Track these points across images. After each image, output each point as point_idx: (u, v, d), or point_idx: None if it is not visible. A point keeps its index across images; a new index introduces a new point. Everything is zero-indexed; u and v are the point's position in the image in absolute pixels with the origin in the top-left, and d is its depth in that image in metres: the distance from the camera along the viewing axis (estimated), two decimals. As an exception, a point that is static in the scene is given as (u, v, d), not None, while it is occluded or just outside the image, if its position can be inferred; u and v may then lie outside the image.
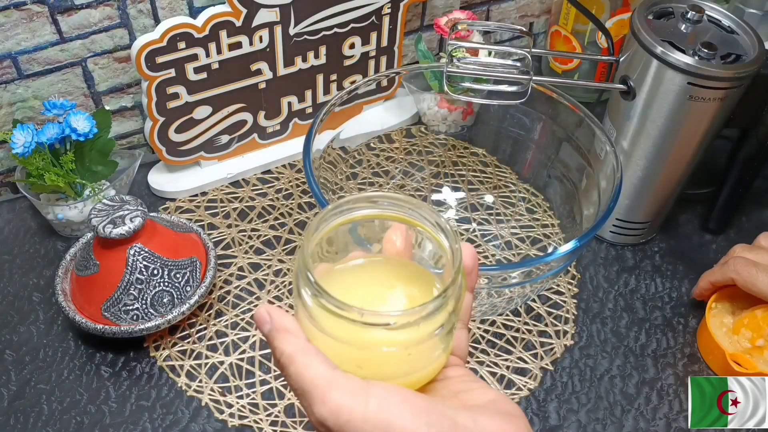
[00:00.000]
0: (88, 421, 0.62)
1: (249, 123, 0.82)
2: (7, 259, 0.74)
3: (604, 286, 0.74)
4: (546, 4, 1.00)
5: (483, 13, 0.97)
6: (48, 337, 0.68)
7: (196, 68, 0.74)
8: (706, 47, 0.62)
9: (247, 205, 0.81)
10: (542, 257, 0.58)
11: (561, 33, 0.93)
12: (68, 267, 0.69)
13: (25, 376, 0.65)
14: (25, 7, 0.69)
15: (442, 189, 0.81)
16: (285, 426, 0.62)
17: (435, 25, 0.86)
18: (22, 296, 0.71)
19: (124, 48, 0.77)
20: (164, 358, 0.66)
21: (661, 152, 0.69)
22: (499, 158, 0.84)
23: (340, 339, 0.34)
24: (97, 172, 0.75)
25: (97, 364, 0.66)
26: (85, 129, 0.71)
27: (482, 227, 0.78)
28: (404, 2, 0.82)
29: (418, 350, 0.34)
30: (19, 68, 0.73)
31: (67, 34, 0.73)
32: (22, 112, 0.76)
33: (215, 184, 0.83)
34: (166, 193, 0.81)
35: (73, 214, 0.74)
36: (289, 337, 0.34)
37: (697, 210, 0.82)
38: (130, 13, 0.74)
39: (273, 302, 0.71)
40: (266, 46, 0.77)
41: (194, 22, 0.71)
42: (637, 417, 0.64)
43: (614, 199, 0.60)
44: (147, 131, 0.77)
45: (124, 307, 0.64)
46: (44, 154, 0.70)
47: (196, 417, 0.63)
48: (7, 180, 0.81)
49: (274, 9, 0.74)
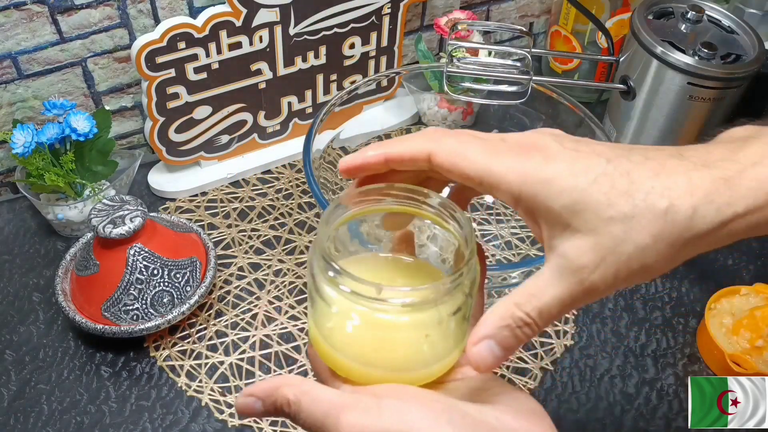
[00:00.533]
0: (88, 421, 0.62)
1: (249, 123, 0.82)
2: (7, 259, 0.74)
3: (604, 286, 0.74)
4: (546, 4, 1.00)
5: (483, 13, 0.97)
6: (48, 337, 0.68)
7: (196, 68, 0.74)
8: (706, 47, 0.62)
9: (247, 205, 0.81)
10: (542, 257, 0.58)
11: (561, 33, 0.93)
12: (68, 267, 0.69)
13: (25, 376, 0.65)
14: (25, 7, 0.69)
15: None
16: (285, 426, 0.62)
17: (435, 25, 0.86)
18: (22, 296, 0.71)
19: (124, 48, 0.77)
20: (164, 358, 0.66)
21: (661, 152, 0.69)
22: (499, 158, 0.84)
23: (356, 321, 0.33)
24: (97, 172, 0.75)
25: (97, 364, 0.66)
26: (85, 129, 0.71)
27: (482, 227, 0.78)
28: (404, 2, 0.82)
29: (436, 333, 0.34)
30: (19, 68, 0.73)
31: (67, 34, 0.73)
32: (22, 112, 0.76)
33: (215, 184, 0.83)
34: (166, 193, 0.81)
35: (73, 214, 0.74)
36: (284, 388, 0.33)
37: (697, 210, 0.82)
38: (130, 13, 0.74)
39: (273, 302, 0.71)
40: (266, 46, 0.77)
41: (194, 22, 0.71)
42: (637, 417, 0.64)
43: (614, 199, 0.60)
44: (147, 131, 0.77)
45: (124, 307, 0.64)
46: (44, 154, 0.70)
47: (196, 417, 0.63)
48: (7, 180, 0.81)
49: (274, 9, 0.74)
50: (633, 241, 0.31)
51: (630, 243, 0.31)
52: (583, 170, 0.32)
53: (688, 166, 0.32)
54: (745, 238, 0.32)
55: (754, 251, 0.78)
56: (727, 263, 0.77)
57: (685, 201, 0.31)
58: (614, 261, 0.31)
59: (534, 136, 0.34)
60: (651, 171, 0.32)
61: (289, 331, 0.69)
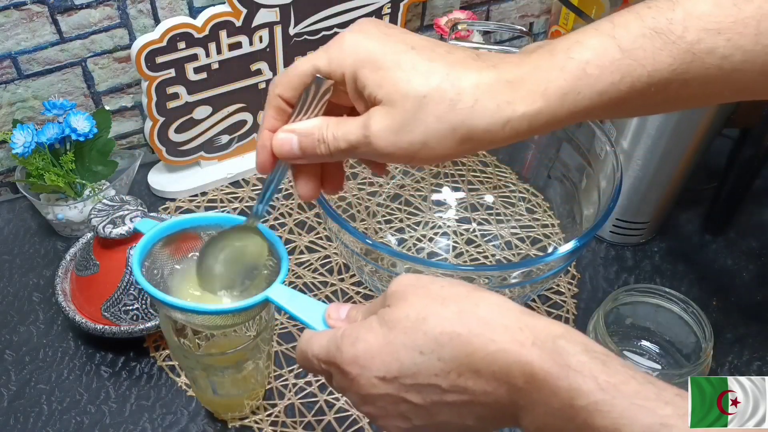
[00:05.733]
0: (88, 421, 0.62)
1: (249, 123, 0.82)
2: (7, 259, 0.74)
3: (604, 286, 0.74)
4: (546, 4, 1.00)
5: (483, 13, 0.97)
6: (48, 337, 0.68)
7: (196, 68, 0.74)
8: (706, 47, 0.62)
9: (247, 205, 0.81)
10: (542, 257, 0.58)
11: (561, 33, 0.93)
12: (68, 267, 0.69)
13: (25, 376, 0.65)
14: (25, 7, 0.69)
15: (442, 189, 0.81)
16: (285, 426, 0.62)
17: (435, 25, 0.86)
18: (22, 296, 0.71)
19: (124, 48, 0.77)
20: (164, 358, 0.66)
21: (661, 152, 0.69)
22: (499, 158, 0.84)
23: None
24: (97, 172, 0.75)
25: (97, 364, 0.66)
26: (85, 129, 0.71)
27: (482, 227, 0.78)
28: (404, 2, 0.82)
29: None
30: (19, 68, 0.73)
31: (67, 34, 0.73)
32: (22, 112, 0.76)
33: (215, 184, 0.83)
34: (166, 193, 0.81)
35: (73, 214, 0.74)
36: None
37: (697, 210, 0.82)
38: (130, 13, 0.74)
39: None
40: (266, 46, 0.77)
41: (194, 22, 0.71)
42: (637, 417, 0.64)
43: (614, 199, 0.60)
44: (147, 131, 0.77)
45: (124, 307, 0.64)
46: (44, 154, 0.70)
47: (196, 417, 0.63)
48: (7, 180, 0.81)
49: (274, 9, 0.74)
50: (420, 117, 0.37)
51: (417, 119, 0.37)
52: (390, 52, 0.38)
53: (480, 65, 0.37)
54: (530, 137, 0.38)
55: (754, 251, 0.78)
56: (727, 263, 0.77)
57: (469, 92, 0.37)
58: (398, 129, 0.37)
59: (359, 25, 0.40)
60: (449, 63, 0.37)
61: (289, 331, 0.69)
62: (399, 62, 0.37)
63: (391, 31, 0.39)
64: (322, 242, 0.77)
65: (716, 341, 0.61)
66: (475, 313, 0.35)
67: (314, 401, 0.64)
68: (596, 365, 0.33)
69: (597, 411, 0.32)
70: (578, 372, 0.32)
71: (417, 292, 0.37)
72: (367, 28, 0.39)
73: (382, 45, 0.38)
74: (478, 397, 0.35)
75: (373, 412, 0.38)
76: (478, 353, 0.34)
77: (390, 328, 0.36)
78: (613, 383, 0.32)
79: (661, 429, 0.31)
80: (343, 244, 0.62)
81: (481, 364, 0.34)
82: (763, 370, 0.67)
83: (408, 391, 0.36)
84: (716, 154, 0.75)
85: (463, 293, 0.37)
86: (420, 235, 0.77)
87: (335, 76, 0.39)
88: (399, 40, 0.38)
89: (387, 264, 0.60)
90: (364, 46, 0.38)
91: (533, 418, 0.34)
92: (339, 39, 0.39)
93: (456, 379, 0.35)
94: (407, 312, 0.36)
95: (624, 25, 0.37)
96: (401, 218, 0.79)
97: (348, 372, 0.37)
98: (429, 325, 0.35)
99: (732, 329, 0.71)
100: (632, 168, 0.71)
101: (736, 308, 0.73)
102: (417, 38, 0.39)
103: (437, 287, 0.37)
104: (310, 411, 0.63)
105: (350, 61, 0.38)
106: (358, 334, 0.37)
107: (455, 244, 0.77)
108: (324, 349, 0.39)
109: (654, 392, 0.32)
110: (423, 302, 0.36)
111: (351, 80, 0.39)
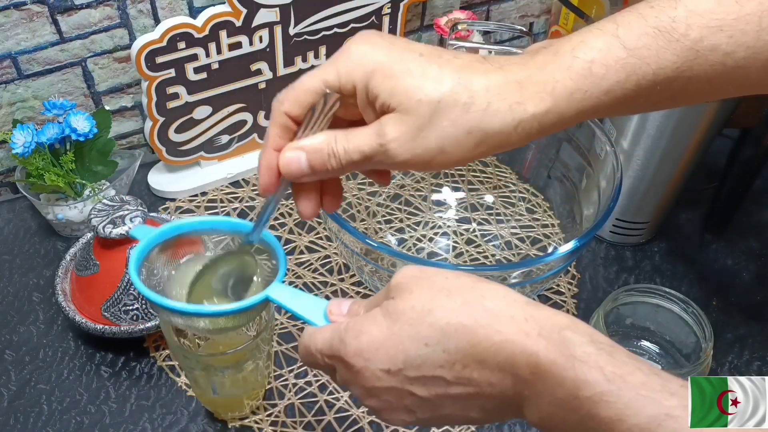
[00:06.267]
0: (88, 421, 0.62)
1: (249, 123, 0.82)
2: (7, 259, 0.74)
3: (604, 286, 0.74)
4: (546, 4, 1.00)
5: (483, 13, 0.97)
6: (48, 337, 0.68)
7: (196, 68, 0.74)
8: (706, 47, 0.62)
9: (247, 205, 0.81)
10: (542, 257, 0.58)
11: (561, 33, 0.93)
12: (68, 267, 0.69)
13: (25, 376, 0.65)
14: (25, 7, 0.69)
15: (442, 189, 0.81)
16: (285, 426, 0.62)
17: (435, 25, 0.86)
18: (22, 296, 0.71)
19: (124, 48, 0.77)
20: (164, 358, 0.66)
21: (661, 152, 0.69)
22: (499, 158, 0.84)
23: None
24: (97, 172, 0.75)
25: (97, 364, 0.66)
26: (85, 129, 0.71)
27: (482, 227, 0.78)
28: (404, 2, 0.82)
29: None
30: (19, 68, 0.73)
31: (67, 34, 0.73)
32: (22, 112, 0.76)
33: (215, 184, 0.83)
34: (166, 193, 0.81)
35: (73, 214, 0.74)
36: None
37: (697, 210, 0.82)
38: (130, 13, 0.74)
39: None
40: (266, 46, 0.77)
41: (194, 22, 0.71)
42: (637, 417, 0.64)
43: (614, 199, 0.60)
44: (147, 131, 0.77)
45: (124, 307, 0.64)
46: (44, 154, 0.70)
47: (196, 417, 0.63)
48: (7, 180, 0.81)
49: (274, 9, 0.74)
50: (435, 123, 0.37)
51: (432, 124, 0.37)
52: (399, 60, 0.38)
53: (487, 68, 0.38)
54: (538, 138, 0.38)
55: (754, 251, 0.78)
56: (727, 263, 0.77)
57: (481, 95, 0.37)
58: (415, 135, 0.37)
59: (363, 37, 0.40)
60: (457, 67, 0.38)
61: (289, 331, 0.69)
62: (409, 69, 0.37)
63: (396, 40, 0.39)
64: (322, 242, 0.77)
65: (716, 341, 0.61)
66: (481, 304, 0.35)
67: (314, 401, 0.64)
68: (602, 356, 0.33)
69: (602, 401, 0.32)
70: (584, 363, 0.33)
71: (421, 284, 0.37)
72: (372, 39, 0.39)
73: (389, 54, 0.38)
74: (483, 388, 0.35)
75: (377, 405, 0.38)
76: (484, 344, 0.34)
77: (394, 320, 0.36)
78: (619, 374, 0.32)
79: (665, 419, 0.31)
80: (343, 244, 0.62)
81: (486, 355, 0.34)
82: (763, 370, 0.67)
83: (413, 384, 0.36)
84: (716, 154, 0.75)
85: (468, 284, 0.37)
86: (420, 235, 0.77)
87: (346, 89, 0.39)
88: (405, 49, 0.38)
89: (387, 264, 0.60)
90: (372, 56, 0.38)
91: (537, 408, 0.34)
92: (345, 51, 0.39)
93: (461, 371, 0.35)
94: (412, 303, 0.36)
95: (627, 25, 0.37)
96: (401, 218, 0.79)
97: (352, 365, 0.37)
98: (434, 317, 0.35)
99: (732, 329, 0.71)
100: (632, 168, 0.71)
101: (736, 308, 0.73)
102: (422, 46, 0.39)
103: (442, 279, 0.37)
104: (310, 411, 0.63)
105: (360, 72, 0.38)
106: (362, 327, 0.37)
107: (455, 244, 0.77)
108: (327, 342, 0.39)
109: (659, 383, 0.32)
110: (428, 294, 0.36)
111: (362, 91, 0.38)
